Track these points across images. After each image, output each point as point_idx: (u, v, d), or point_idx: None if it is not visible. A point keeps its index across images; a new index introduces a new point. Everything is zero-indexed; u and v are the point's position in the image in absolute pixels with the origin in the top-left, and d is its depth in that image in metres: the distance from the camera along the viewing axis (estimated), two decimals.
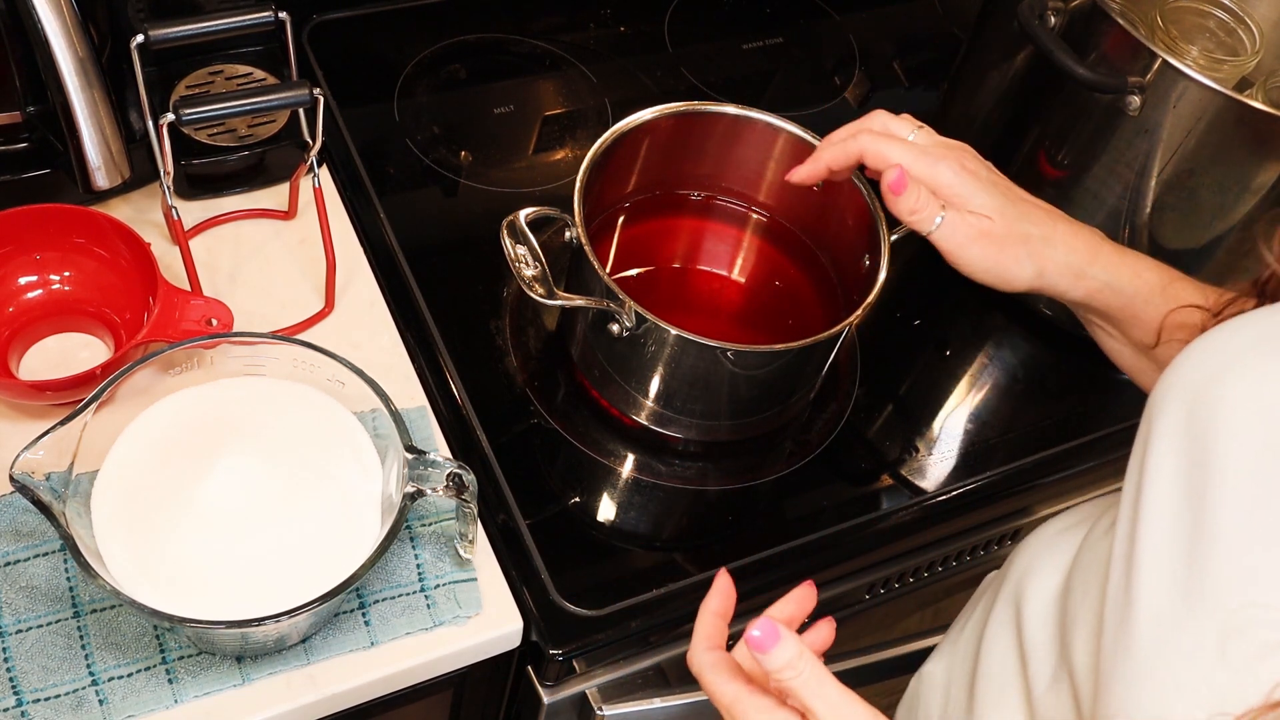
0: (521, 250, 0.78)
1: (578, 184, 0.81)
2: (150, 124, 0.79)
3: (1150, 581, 0.51)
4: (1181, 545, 0.51)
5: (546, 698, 0.80)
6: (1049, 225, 0.74)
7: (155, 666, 0.70)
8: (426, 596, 0.75)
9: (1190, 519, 0.50)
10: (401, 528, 0.69)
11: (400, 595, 0.74)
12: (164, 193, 0.82)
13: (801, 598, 0.64)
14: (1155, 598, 0.51)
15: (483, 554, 0.78)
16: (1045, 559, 0.68)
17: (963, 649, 0.73)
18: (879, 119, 0.77)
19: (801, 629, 0.63)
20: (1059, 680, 0.60)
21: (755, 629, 0.52)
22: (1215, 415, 0.51)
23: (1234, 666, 0.47)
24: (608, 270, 0.82)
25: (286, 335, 0.79)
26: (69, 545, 0.62)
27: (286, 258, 0.90)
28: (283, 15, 0.81)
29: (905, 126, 0.77)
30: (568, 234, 0.81)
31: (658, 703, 0.83)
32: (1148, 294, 0.73)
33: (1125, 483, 0.56)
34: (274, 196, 0.93)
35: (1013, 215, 0.73)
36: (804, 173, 0.80)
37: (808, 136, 0.88)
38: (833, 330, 0.78)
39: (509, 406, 0.87)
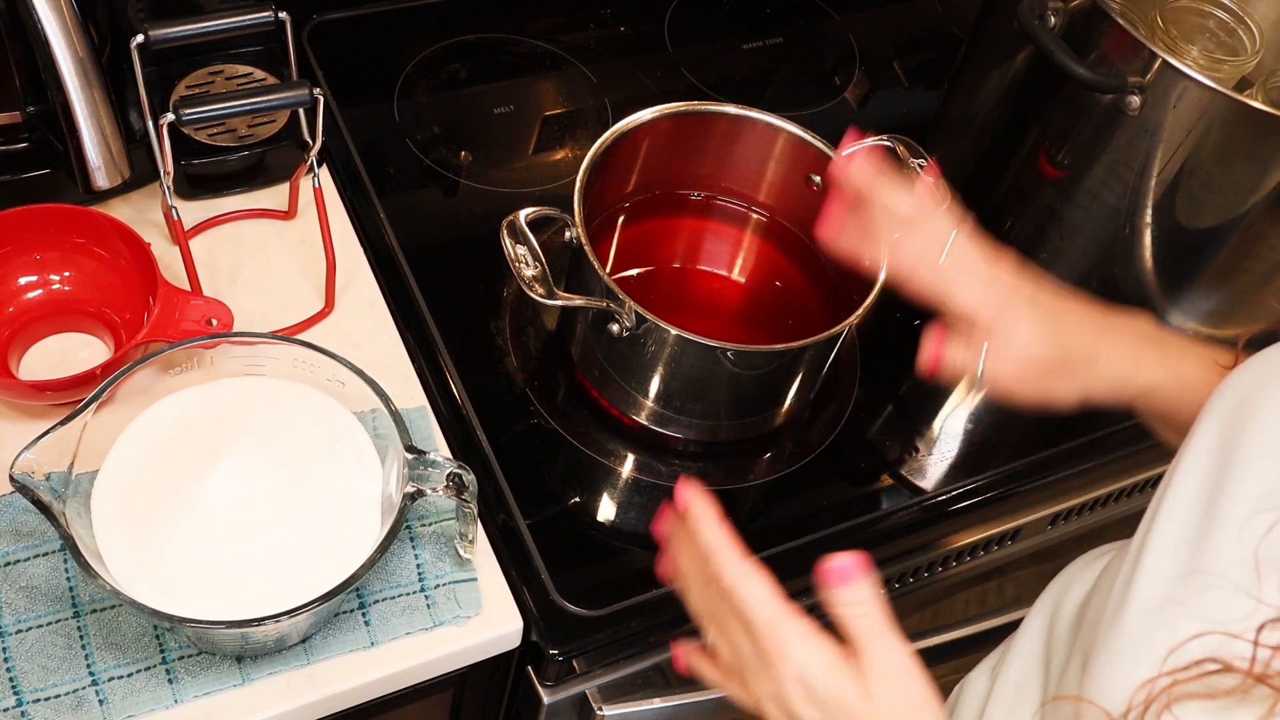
0: (521, 250, 0.78)
1: (578, 184, 0.81)
2: (150, 124, 0.79)
3: (1150, 568, 0.52)
4: (1188, 535, 0.51)
5: (546, 698, 0.80)
6: (1090, 342, 0.69)
7: (155, 666, 0.70)
8: (426, 596, 0.75)
9: (1202, 515, 0.51)
10: (401, 528, 0.69)
11: (400, 595, 0.74)
12: (164, 193, 0.82)
13: (697, 495, 0.61)
14: (1151, 583, 0.51)
15: (483, 554, 0.78)
16: (1081, 574, 0.67)
17: (1000, 662, 0.73)
18: (887, 192, 0.73)
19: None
20: (1070, 668, 0.61)
21: (844, 558, 0.52)
22: (1251, 418, 0.51)
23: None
24: (608, 270, 0.82)
25: (286, 335, 0.79)
26: (69, 545, 0.62)
27: (286, 258, 0.90)
28: (283, 15, 0.81)
29: (904, 201, 0.72)
30: (568, 234, 0.81)
31: (658, 703, 0.83)
32: (1192, 396, 0.69)
33: (1162, 483, 0.56)
34: (274, 196, 0.93)
35: (1052, 342, 0.68)
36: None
37: (808, 136, 0.88)
38: (833, 330, 0.78)
39: (509, 406, 0.87)
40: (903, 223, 0.71)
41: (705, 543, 0.58)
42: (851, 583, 0.53)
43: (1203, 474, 0.52)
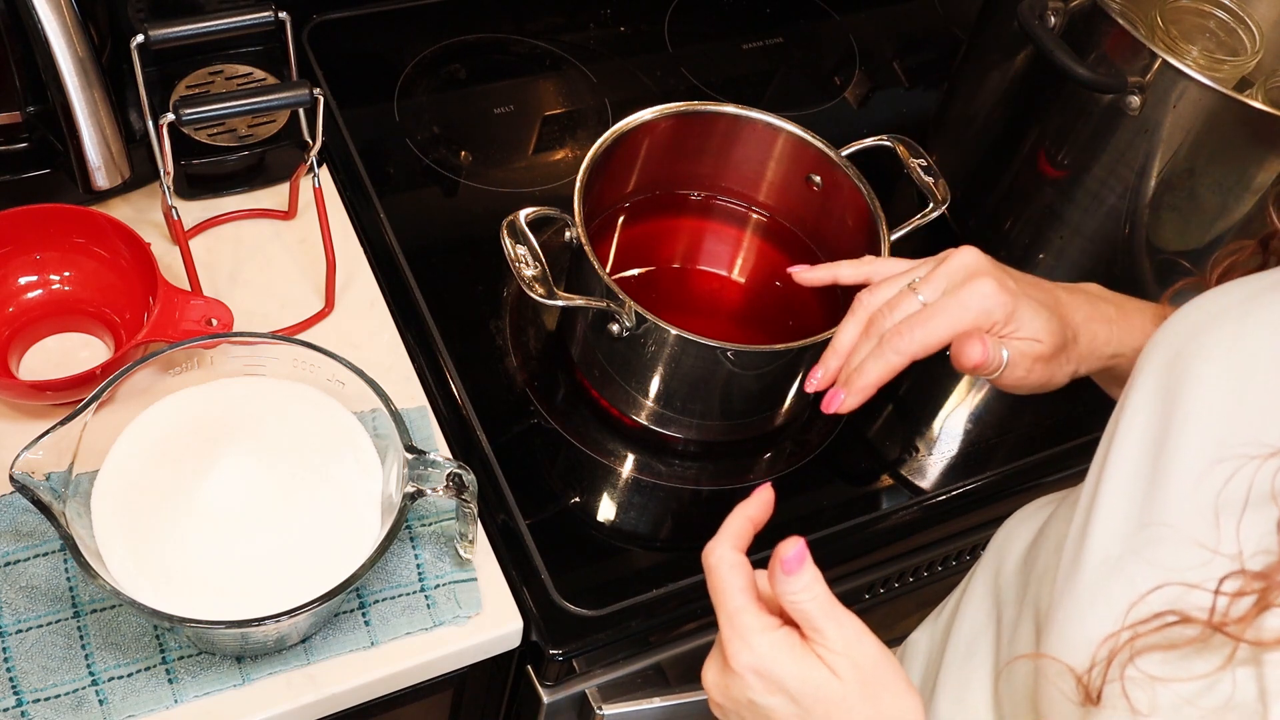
0: (521, 250, 0.78)
1: (578, 184, 0.81)
2: (150, 124, 0.79)
3: (1104, 522, 0.52)
4: (1139, 488, 0.51)
5: (546, 697, 0.80)
6: (1073, 322, 0.71)
7: (155, 666, 0.70)
8: (426, 596, 0.75)
9: (1149, 468, 0.51)
10: (401, 528, 0.69)
11: (400, 595, 0.74)
12: (164, 193, 0.82)
13: (765, 499, 0.61)
14: (1106, 537, 0.52)
15: (483, 554, 0.78)
16: (1023, 528, 0.69)
17: (945, 618, 0.73)
18: (880, 300, 0.71)
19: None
20: (1021, 623, 0.61)
21: (789, 547, 0.53)
22: (1190, 367, 0.52)
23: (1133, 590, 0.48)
24: (608, 270, 0.82)
25: (286, 335, 0.79)
26: (69, 545, 0.62)
27: (286, 258, 0.90)
28: (283, 15, 0.81)
29: (910, 302, 0.70)
30: (568, 234, 0.81)
31: (658, 702, 0.83)
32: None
33: (1104, 435, 0.56)
34: (274, 196, 0.93)
35: (1055, 328, 0.69)
36: (812, 276, 0.77)
37: (808, 136, 0.88)
38: (833, 330, 0.78)
39: (509, 406, 0.87)
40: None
41: (726, 521, 0.60)
42: (800, 569, 0.54)
43: (1146, 425, 0.53)
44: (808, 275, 0.77)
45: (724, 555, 0.58)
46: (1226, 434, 0.49)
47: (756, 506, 0.60)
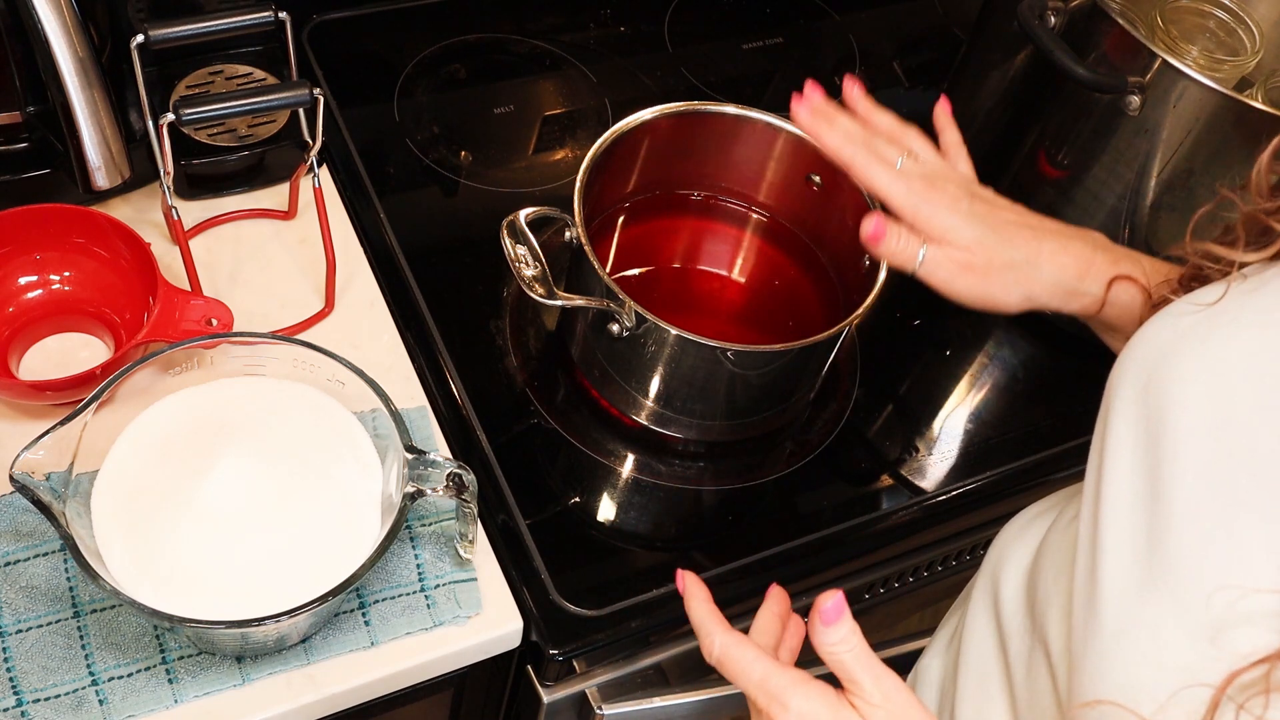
0: (521, 250, 0.78)
1: (578, 184, 0.81)
2: (150, 124, 0.79)
3: (1113, 561, 0.52)
4: (1141, 524, 0.52)
5: (546, 697, 0.80)
6: (1033, 247, 0.74)
7: (155, 666, 0.70)
8: (426, 596, 0.75)
9: (1148, 498, 0.51)
10: (401, 528, 0.69)
11: (400, 595, 0.74)
12: (164, 193, 0.82)
13: (780, 597, 0.65)
14: (1119, 577, 0.52)
15: (483, 554, 0.78)
16: (1016, 546, 0.69)
17: (951, 642, 0.73)
18: (879, 139, 0.77)
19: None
20: (1035, 661, 0.61)
21: (829, 599, 0.54)
22: (1168, 392, 0.52)
23: (1202, 642, 0.48)
24: (608, 270, 0.82)
25: (286, 335, 0.79)
26: (69, 545, 0.62)
27: (286, 258, 0.90)
28: (283, 15, 0.81)
29: (895, 151, 0.76)
30: (568, 234, 0.81)
31: (658, 702, 0.83)
32: (1143, 301, 0.73)
33: (1088, 464, 0.57)
34: (274, 196, 0.93)
35: (994, 243, 0.73)
36: (803, 121, 0.79)
37: (808, 136, 0.88)
38: (833, 330, 0.78)
39: (509, 406, 0.87)
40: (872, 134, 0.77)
41: (693, 621, 0.62)
42: (839, 620, 0.54)
43: (1133, 455, 0.53)
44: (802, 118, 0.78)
45: (723, 640, 0.59)
46: (1220, 455, 0.49)
47: (701, 595, 0.62)
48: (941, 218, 0.74)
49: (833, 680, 0.56)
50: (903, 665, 0.90)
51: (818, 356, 0.85)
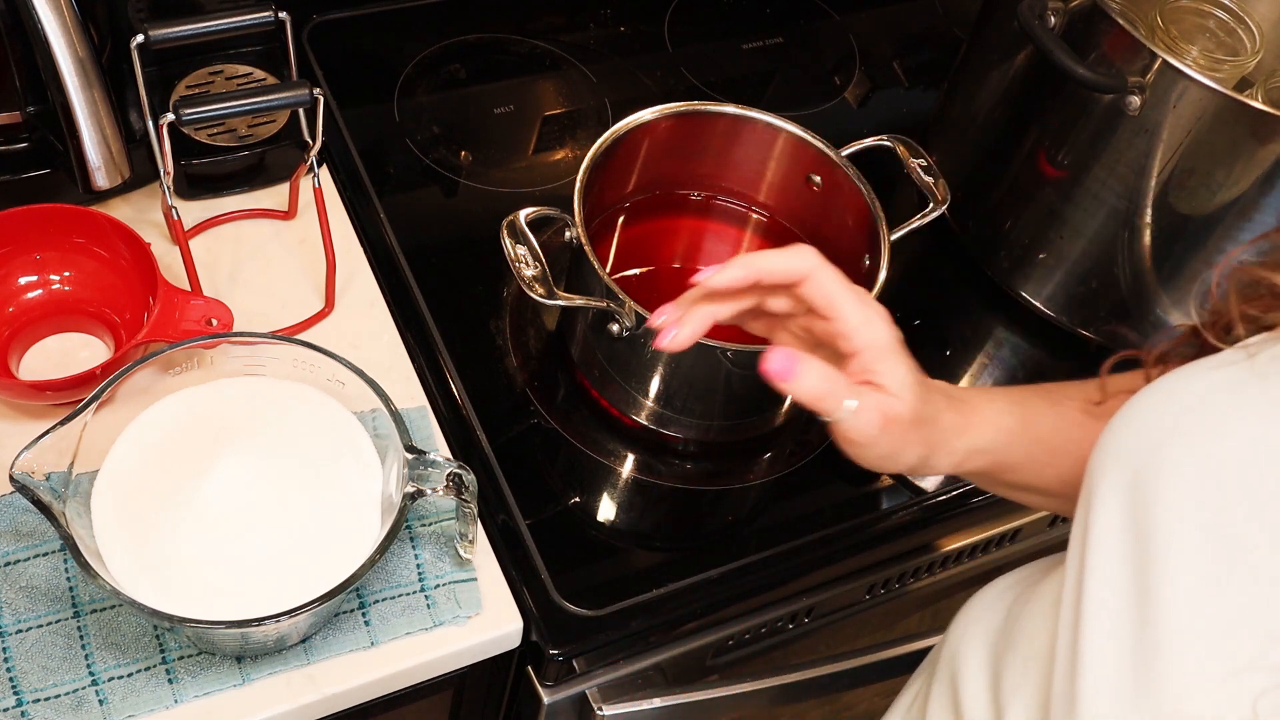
0: (521, 250, 0.78)
1: (578, 184, 0.81)
2: (150, 124, 0.79)
3: (1094, 681, 0.48)
4: (1127, 643, 0.47)
5: (546, 698, 0.80)
6: (937, 400, 0.62)
7: (155, 666, 0.70)
8: (426, 596, 0.75)
9: (1135, 613, 0.47)
10: (401, 528, 0.69)
11: (400, 595, 0.74)
12: (164, 193, 0.82)
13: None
14: (1102, 689, 0.48)
15: (483, 554, 0.78)
16: (975, 634, 0.64)
17: (911, 711, 0.69)
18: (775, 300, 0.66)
19: None
20: None
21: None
22: (1158, 494, 0.48)
23: None
24: (608, 270, 0.82)
25: (286, 335, 0.79)
26: (69, 545, 0.62)
27: (286, 258, 0.90)
28: (283, 15, 0.81)
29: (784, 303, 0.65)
30: (568, 234, 0.81)
31: (657, 702, 0.83)
32: (1008, 440, 0.64)
33: (1068, 561, 0.52)
34: (274, 196, 0.93)
35: (920, 394, 0.60)
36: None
37: (808, 136, 0.88)
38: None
39: (509, 406, 0.87)
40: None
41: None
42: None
43: (1120, 554, 0.49)
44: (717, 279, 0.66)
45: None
46: (1215, 562, 0.45)
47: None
48: (892, 362, 0.60)
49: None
50: (903, 665, 0.91)
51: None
